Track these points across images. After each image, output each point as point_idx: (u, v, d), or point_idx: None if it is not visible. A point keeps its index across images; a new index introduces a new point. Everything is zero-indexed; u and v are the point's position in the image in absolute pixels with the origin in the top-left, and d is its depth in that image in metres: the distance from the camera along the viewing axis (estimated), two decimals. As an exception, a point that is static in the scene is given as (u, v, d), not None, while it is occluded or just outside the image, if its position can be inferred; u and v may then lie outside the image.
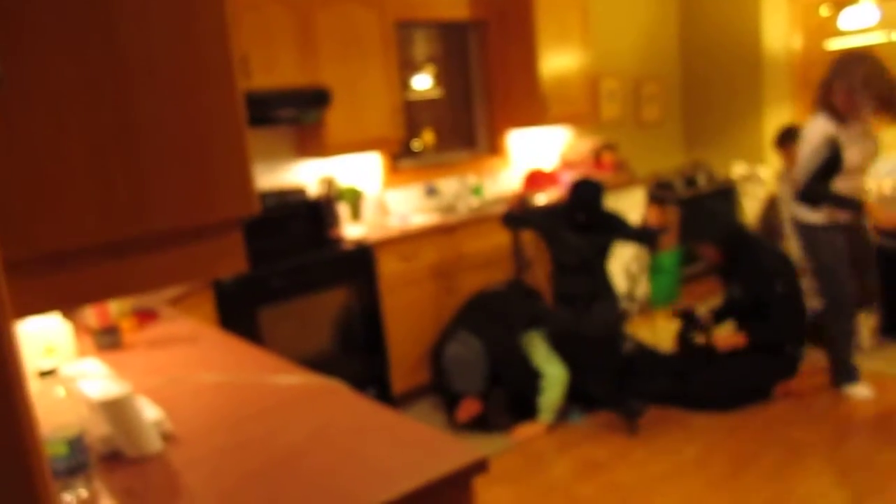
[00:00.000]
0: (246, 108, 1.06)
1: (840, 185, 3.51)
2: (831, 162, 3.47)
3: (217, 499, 1.30)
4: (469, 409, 3.69)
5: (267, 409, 1.65)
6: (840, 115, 3.43)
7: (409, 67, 4.89)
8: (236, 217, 0.99)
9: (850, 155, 3.46)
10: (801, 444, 3.35)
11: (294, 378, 1.81)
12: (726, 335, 3.94)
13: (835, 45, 5.38)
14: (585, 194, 4.05)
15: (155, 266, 0.96)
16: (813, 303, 4.27)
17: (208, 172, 0.92)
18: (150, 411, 1.57)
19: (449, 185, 4.92)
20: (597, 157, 5.41)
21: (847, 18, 5.13)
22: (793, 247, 4.56)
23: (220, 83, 0.94)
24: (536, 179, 5.21)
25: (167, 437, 1.55)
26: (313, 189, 4.21)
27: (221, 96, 0.93)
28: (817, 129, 3.51)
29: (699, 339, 4.05)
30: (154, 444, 1.50)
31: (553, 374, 3.72)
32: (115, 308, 2.34)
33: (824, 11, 5.30)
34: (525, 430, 3.67)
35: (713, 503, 2.94)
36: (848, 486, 2.99)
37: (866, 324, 4.33)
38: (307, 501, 1.24)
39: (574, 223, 3.99)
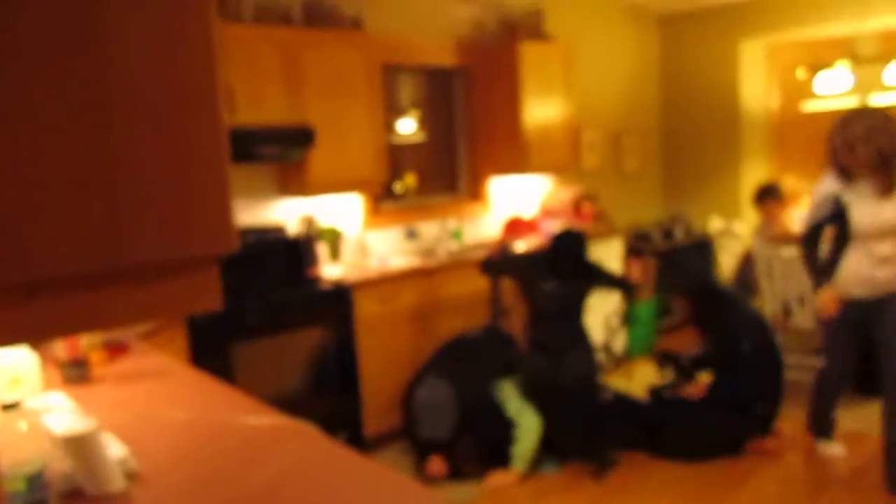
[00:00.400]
0: (229, 143, 1.05)
1: (855, 255, 3.27)
2: (827, 220, 3.32)
3: (179, 541, 1.27)
4: (436, 466, 3.63)
5: (234, 450, 1.62)
6: (845, 172, 3.25)
7: (393, 110, 4.94)
8: (214, 254, 0.98)
9: (860, 216, 3.21)
10: (772, 500, 3.33)
11: (263, 419, 1.78)
12: (691, 387, 3.95)
13: (810, 107, 5.51)
14: (570, 243, 4.08)
15: (129, 301, 0.95)
16: (790, 359, 4.31)
17: (188, 207, 0.91)
18: (115, 448, 1.54)
19: (429, 229, 4.93)
20: (577, 207, 5.46)
21: (822, 82, 5.27)
22: (767, 302, 4.61)
23: (204, 116, 0.93)
24: (516, 226, 5.24)
25: (131, 476, 1.51)
26: (293, 227, 4.20)
27: (205, 130, 0.93)
28: (821, 187, 3.38)
29: (668, 392, 4.08)
30: (117, 482, 1.46)
31: (527, 424, 3.69)
32: (85, 340, 2.30)
33: (800, 74, 5.45)
34: (497, 479, 3.62)
35: (684, 559, 2.91)
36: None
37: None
38: (272, 547, 1.21)
39: (555, 271, 4.01)
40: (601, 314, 5.03)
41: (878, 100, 5.10)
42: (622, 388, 4.44)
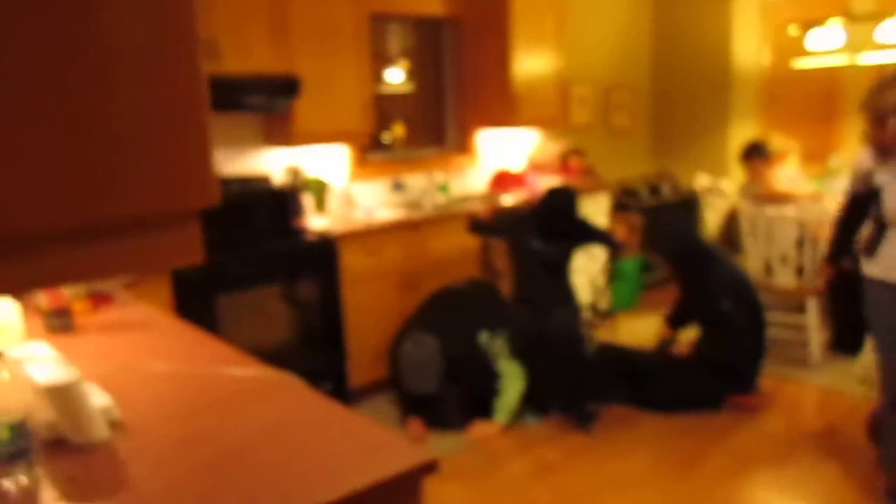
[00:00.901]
0: (214, 92, 1.03)
1: (893, 240, 2.83)
2: (861, 196, 2.98)
3: (162, 490, 1.28)
4: (415, 430, 3.68)
5: (219, 401, 1.63)
6: (880, 147, 2.83)
7: (382, 60, 4.87)
8: (194, 207, 0.97)
9: (892, 199, 2.77)
10: (748, 453, 3.41)
11: (248, 370, 1.79)
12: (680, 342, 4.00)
13: (802, 64, 5.48)
14: (562, 202, 4.08)
15: (108, 254, 0.94)
16: (772, 317, 4.36)
17: (166, 160, 0.89)
18: (98, 398, 1.54)
19: (416, 181, 4.91)
20: (564, 162, 5.45)
21: (813, 39, 5.22)
22: (750, 261, 4.64)
23: (183, 66, 0.91)
24: (504, 180, 5.23)
25: (115, 426, 1.52)
26: (279, 178, 4.17)
27: (183, 80, 0.91)
28: (857, 159, 3.03)
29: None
30: (101, 432, 1.47)
31: (512, 376, 3.74)
32: (69, 290, 2.29)
33: (793, 31, 5.40)
34: (480, 429, 3.68)
35: (660, 509, 2.99)
36: (793, 496, 3.05)
37: (816, 338, 4.43)
38: (252, 497, 1.23)
39: (543, 230, 4.01)
40: (588, 274, 5.07)
41: (869, 58, 5.08)
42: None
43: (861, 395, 3.95)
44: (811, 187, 5.02)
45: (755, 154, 4.85)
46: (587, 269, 4.98)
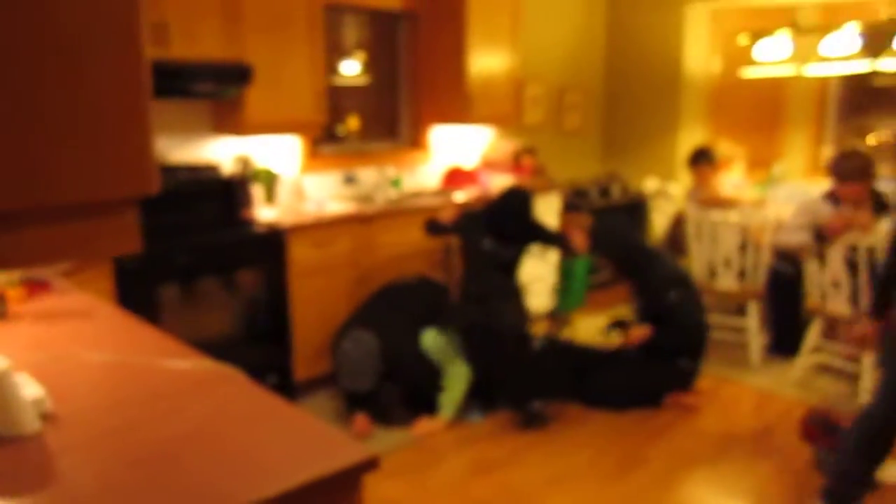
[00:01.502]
0: (162, 78, 1.01)
1: None
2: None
3: (94, 485, 1.25)
4: (361, 426, 3.65)
5: (156, 394, 1.60)
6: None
7: (338, 51, 4.83)
8: (132, 195, 0.95)
9: None
10: (685, 452, 3.49)
11: (188, 363, 1.75)
12: (636, 330, 4.03)
13: (749, 73, 5.61)
14: (517, 204, 4.11)
15: (41, 241, 0.91)
16: (714, 319, 4.46)
17: (103, 148, 0.87)
18: (29, 389, 1.49)
19: (368, 175, 4.88)
20: (517, 160, 5.47)
21: (762, 49, 5.35)
22: (694, 264, 4.74)
23: (123, 51, 0.88)
24: (456, 177, 5.23)
25: (47, 418, 1.47)
26: (228, 168, 4.10)
27: (123, 66, 0.88)
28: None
29: (617, 337, 4.19)
30: (31, 423, 1.42)
31: (456, 372, 3.75)
32: (1, 277, 2.22)
33: (742, 40, 5.52)
34: (424, 426, 3.68)
35: (600, 506, 3.03)
36: (728, 494, 3.13)
37: (757, 341, 4.55)
38: (188, 493, 1.21)
39: (495, 230, 4.02)
40: (542, 276, 5.10)
41: (813, 70, 5.22)
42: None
43: (796, 398, 4.07)
44: (755, 193, 5.15)
45: (702, 159, 4.95)
46: (540, 271, 5.02)
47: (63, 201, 0.88)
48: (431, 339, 3.82)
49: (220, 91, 3.83)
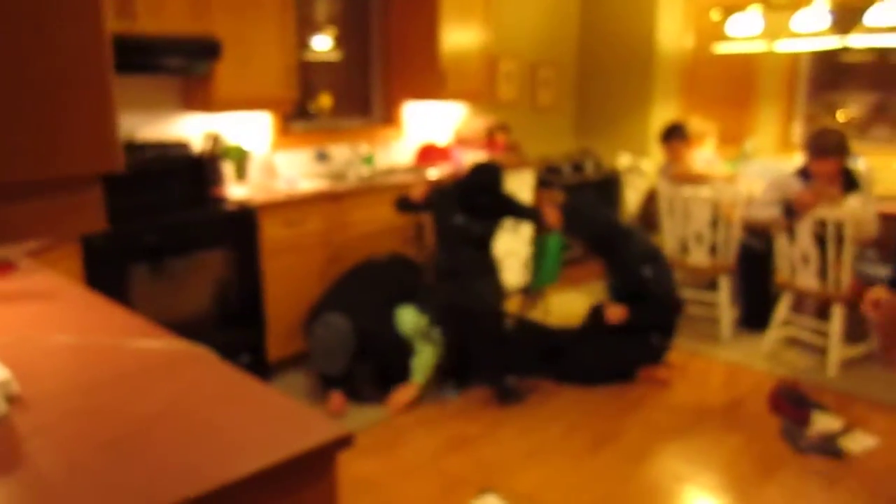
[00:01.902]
0: (128, 53, 0.98)
1: None
2: None
3: (63, 468, 1.23)
4: (336, 404, 3.64)
5: (125, 375, 1.57)
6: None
7: (309, 26, 4.75)
8: (95, 172, 0.92)
9: None
10: (657, 425, 3.53)
11: (158, 342, 1.73)
12: (614, 309, 4.03)
13: (722, 49, 5.63)
14: (487, 178, 4.09)
15: (3, 219, 0.88)
16: (685, 294, 4.51)
17: (63, 123, 0.84)
18: (-6, 371, 1.46)
19: (340, 152, 4.83)
20: (490, 137, 5.46)
21: (734, 25, 5.37)
22: (667, 240, 4.78)
23: (81, 21, 0.85)
24: (429, 154, 5.20)
25: (13, 400, 1.44)
26: (197, 144, 4.03)
27: (83, 39, 0.85)
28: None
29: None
30: (-4, 406, 1.39)
31: (426, 347, 3.75)
32: (-35, 257, 2.17)
33: (715, 16, 5.53)
34: (399, 397, 3.69)
35: (574, 480, 3.07)
36: (699, 466, 3.18)
37: (728, 315, 4.61)
38: (159, 473, 1.19)
39: (467, 205, 4.01)
40: (516, 253, 5.11)
41: (784, 46, 5.25)
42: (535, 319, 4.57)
43: (765, 370, 4.14)
44: (726, 169, 5.19)
45: (674, 135, 4.97)
46: (514, 246, 5.03)
47: (24, 178, 0.86)
48: (405, 317, 3.82)
49: (188, 66, 3.76)
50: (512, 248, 5.03)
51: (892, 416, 3.61)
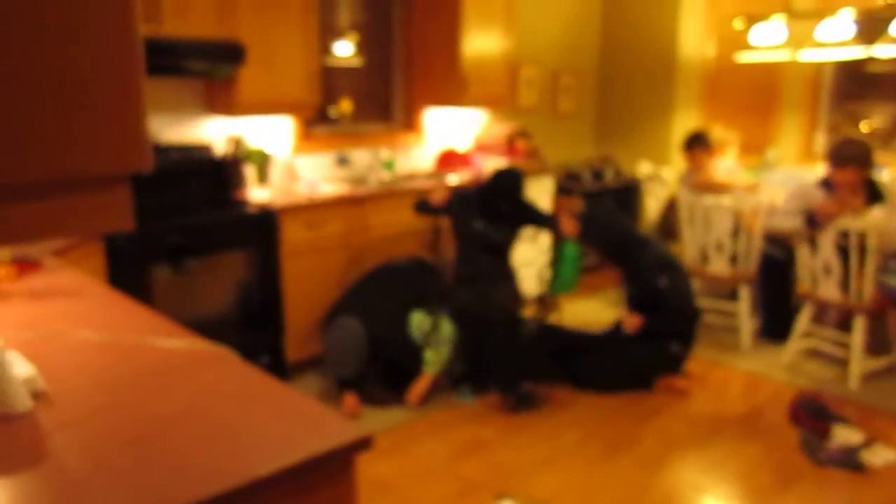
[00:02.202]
0: (154, 56, 1.00)
1: None
2: None
3: (86, 464, 1.24)
4: (350, 405, 3.65)
5: (148, 373, 1.59)
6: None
7: (331, 32, 4.79)
8: (124, 172, 0.94)
9: None
10: (674, 435, 3.51)
11: (180, 342, 1.75)
12: (630, 318, 4.00)
13: (744, 58, 5.60)
14: (508, 183, 4.10)
15: (31, 216, 0.90)
16: (704, 303, 4.48)
17: (94, 122, 0.86)
18: (20, 367, 1.49)
19: (361, 157, 4.86)
20: (510, 143, 5.46)
21: (757, 34, 5.34)
22: (687, 248, 4.75)
23: (114, 22, 0.87)
24: (449, 159, 5.22)
25: (38, 396, 1.47)
26: (220, 147, 4.07)
27: (114, 38, 0.87)
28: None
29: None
30: (23, 401, 1.41)
31: (443, 332, 3.77)
32: (-8, 254, 2.21)
33: (738, 25, 5.50)
34: (416, 389, 3.71)
35: (589, 486, 3.05)
36: (716, 476, 3.16)
37: (747, 325, 4.57)
38: (180, 471, 1.21)
39: (487, 211, 4.02)
40: (534, 261, 5.10)
41: (808, 55, 5.21)
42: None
43: (785, 381, 4.10)
44: (747, 178, 5.16)
45: (697, 144, 4.95)
46: (531, 255, 5.02)
47: (56, 176, 0.87)
48: (418, 322, 3.82)
49: (212, 70, 3.80)
50: (529, 257, 5.02)
51: (915, 430, 3.57)
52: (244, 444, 1.29)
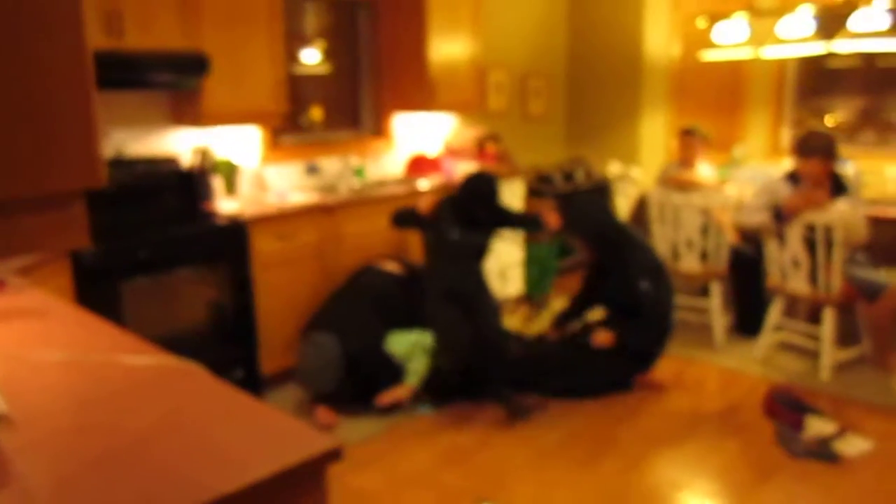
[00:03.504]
0: (117, 69, 0.98)
1: None
2: None
3: (52, 487, 1.22)
4: (325, 417, 3.62)
5: (115, 392, 1.56)
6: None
7: (298, 40, 4.77)
8: (77, 189, 0.92)
9: None
10: (653, 433, 3.53)
11: (148, 359, 1.72)
12: (601, 334, 3.99)
13: (709, 56, 5.66)
14: (483, 188, 4.03)
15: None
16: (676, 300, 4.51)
17: (44, 140, 0.84)
18: (-19, 390, 1.45)
19: (331, 165, 4.84)
20: (481, 147, 5.47)
21: (720, 32, 5.40)
22: (658, 246, 4.79)
23: (61, 38, 0.85)
24: (420, 165, 5.21)
25: (1, 419, 1.43)
26: (187, 159, 4.03)
27: (64, 54, 0.85)
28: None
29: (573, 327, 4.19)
30: (-16, 425, 1.38)
31: (422, 350, 3.74)
32: (-48, 276, 2.16)
33: (701, 23, 5.57)
34: (390, 393, 3.68)
35: (571, 489, 3.06)
36: (695, 472, 3.18)
37: (720, 321, 4.61)
38: (150, 491, 1.18)
39: (463, 218, 3.95)
40: (520, 268, 5.09)
41: (770, 52, 5.29)
42: (519, 327, 4.57)
43: (759, 375, 4.15)
44: (717, 175, 5.21)
45: (694, 132, 4.99)
46: (515, 257, 5.00)
47: (6, 195, 0.85)
48: (399, 342, 3.77)
49: (177, 82, 3.76)
50: (514, 258, 5.00)
51: (886, 418, 3.62)
52: (213, 461, 1.27)
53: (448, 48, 5.03)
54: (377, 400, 3.67)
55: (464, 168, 5.19)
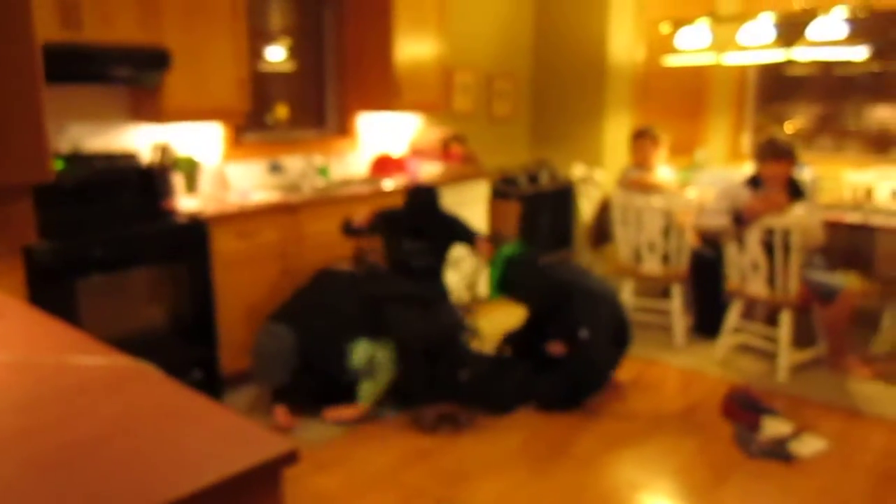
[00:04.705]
0: (74, 62, 0.95)
1: None
2: None
3: (-5, 491, 1.18)
4: (282, 418, 3.58)
5: (64, 393, 1.52)
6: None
7: (262, 37, 4.71)
8: (23, 183, 0.89)
9: None
10: (614, 434, 3.55)
11: (100, 359, 1.68)
12: (554, 344, 3.92)
13: (672, 61, 5.73)
14: (424, 199, 4.16)
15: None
16: (639, 303, 4.54)
17: (-15, 132, 0.81)
18: (-76, 391, 1.40)
19: (294, 164, 4.79)
20: (445, 148, 5.47)
21: (683, 37, 5.47)
22: (620, 249, 4.83)
23: (9, 32, 0.82)
24: (384, 165, 5.19)
25: (-57, 421, 1.39)
26: (146, 156, 3.96)
27: (7, 49, 0.82)
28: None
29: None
30: (-75, 428, 1.34)
31: (382, 361, 3.68)
32: None
33: (664, 28, 5.63)
34: (340, 412, 3.63)
35: (532, 489, 3.06)
36: (654, 473, 3.21)
37: (680, 323, 4.67)
38: (99, 495, 1.15)
39: (413, 229, 4.05)
40: (460, 273, 5.07)
41: (732, 58, 5.37)
42: (481, 328, 4.56)
43: (718, 376, 4.20)
44: (678, 179, 5.28)
45: (644, 135, 5.04)
46: (459, 269, 4.99)
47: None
48: (361, 352, 3.70)
49: (137, 77, 3.69)
50: (475, 262, 5.00)
51: (841, 418, 3.69)
52: (164, 463, 1.24)
53: (413, 48, 5.02)
54: (325, 414, 3.63)
55: (428, 168, 5.19)
